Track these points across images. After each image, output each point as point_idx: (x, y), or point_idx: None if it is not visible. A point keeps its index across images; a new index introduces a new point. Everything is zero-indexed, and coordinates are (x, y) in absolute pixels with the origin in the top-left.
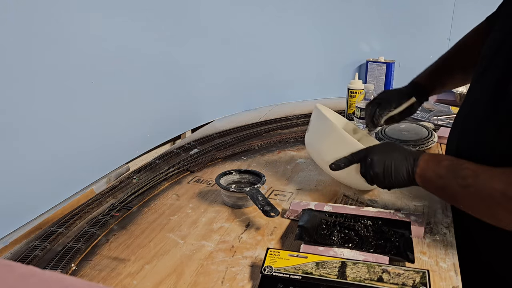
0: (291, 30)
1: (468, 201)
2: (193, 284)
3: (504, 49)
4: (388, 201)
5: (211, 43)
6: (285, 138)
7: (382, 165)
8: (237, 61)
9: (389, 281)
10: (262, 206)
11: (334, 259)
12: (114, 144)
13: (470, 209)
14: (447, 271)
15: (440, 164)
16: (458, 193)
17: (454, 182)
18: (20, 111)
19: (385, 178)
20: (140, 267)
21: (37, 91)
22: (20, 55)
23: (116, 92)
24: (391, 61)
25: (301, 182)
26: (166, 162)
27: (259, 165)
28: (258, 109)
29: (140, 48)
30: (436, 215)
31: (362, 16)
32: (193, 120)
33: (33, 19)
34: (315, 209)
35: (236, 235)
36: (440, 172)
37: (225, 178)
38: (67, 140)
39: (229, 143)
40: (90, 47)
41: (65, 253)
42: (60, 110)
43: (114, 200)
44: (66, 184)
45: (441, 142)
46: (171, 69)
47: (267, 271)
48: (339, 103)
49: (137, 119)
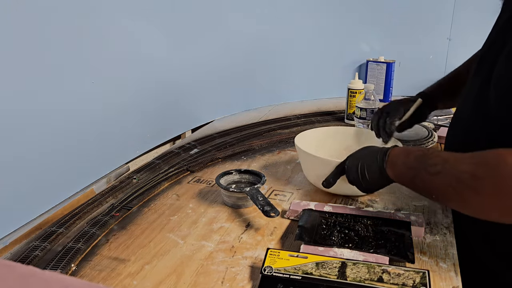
0: (291, 30)
1: (438, 189)
2: (193, 284)
3: (488, 55)
4: (388, 201)
5: (211, 43)
6: (285, 138)
7: (356, 169)
8: (237, 61)
9: (389, 281)
10: (262, 206)
11: (334, 259)
12: (114, 144)
13: (441, 197)
14: (447, 271)
15: (410, 156)
16: (429, 182)
17: (424, 171)
18: (20, 111)
19: (362, 181)
20: (140, 267)
21: (37, 91)
22: (19, 55)
23: (116, 92)
24: (391, 61)
25: (301, 182)
26: (166, 162)
27: (259, 165)
28: (258, 109)
29: (140, 48)
30: (436, 215)
31: (362, 16)
32: (193, 120)
33: (33, 19)
34: (315, 209)
35: (236, 235)
36: (410, 163)
37: (225, 178)
38: (67, 140)
39: (229, 143)
40: (90, 47)
41: (65, 253)
42: (60, 110)
43: (114, 200)
44: (66, 184)
45: (441, 142)
46: (171, 69)
47: (267, 271)
48: (339, 103)
49: (137, 119)
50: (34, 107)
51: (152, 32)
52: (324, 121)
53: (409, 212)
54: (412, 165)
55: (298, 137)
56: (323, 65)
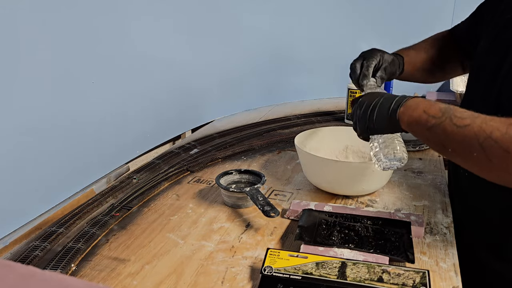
0: (291, 30)
1: (461, 142)
2: (193, 284)
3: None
4: (388, 201)
5: (211, 43)
6: (285, 138)
7: (368, 103)
8: (237, 61)
9: (389, 281)
10: (262, 206)
11: (334, 259)
12: (114, 144)
13: (461, 151)
14: (447, 271)
15: (434, 105)
16: (452, 133)
17: (449, 122)
18: (20, 111)
19: (367, 118)
20: (140, 267)
21: (37, 91)
22: (18, 55)
23: (116, 92)
24: None
25: (301, 182)
26: (166, 162)
27: (259, 165)
28: (258, 109)
29: (140, 48)
30: (436, 215)
31: (362, 15)
32: (193, 120)
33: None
34: (315, 209)
35: (236, 235)
36: (432, 111)
37: (225, 178)
38: (67, 140)
39: (229, 143)
40: (90, 47)
41: (65, 253)
42: (60, 110)
43: (114, 200)
44: (66, 184)
45: None
46: (171, 69)
47: (267, 271)
48: (339, 103)
49: (137, 119)
50: (34, 107)
51: (152, 33)
52: (324, 121)
53: (409, 212)
54: (435, 113)
55: (298, 137)
56: (323, 65)
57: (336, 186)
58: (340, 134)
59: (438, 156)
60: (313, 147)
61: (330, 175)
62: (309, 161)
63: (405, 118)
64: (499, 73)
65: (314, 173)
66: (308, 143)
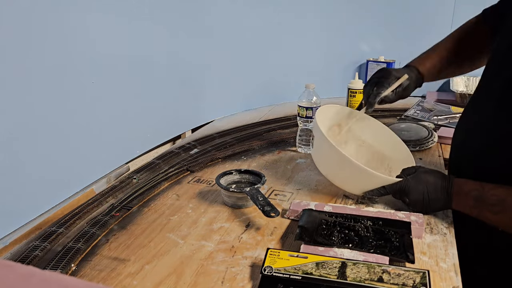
0: (291, 30)
1: (502, 224)
2: (193, 284)
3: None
4: (388, 201)
5: (212, 43)
6: (285, 138)
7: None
8: (237, 61)
9: (389, 281)
10: (262, 206)
11: (334, 259)
12: (114, 144)
13: (509, 229)
14: (447, 271)
15: (468, 198)
16: (494, 220)
17: (487, 211)
18: (20, 111)
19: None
20: (140, 267)
21: (37, 91)
22: (18, 55)
23: (116, 92)
24: (391, 60)
25: (301, 182)
26: (166, 162)
27: (259, 165)
28: (258, 109)
29: (140, 48)
30: (436, 215)
31: (363, 15)
32: (193, 120)
33: (32, 18)
34: (315, 209)
35: (236, 235)
36: (471, 204)
37: (225, 178)
38: (67, 140)
39: (229, 143)
40: (90, 47)
41: (65, 253)
42: (60, 110)
43: (114, 200)
44: (66, 184)
45: (441, 142)
46: (171, 69)
47: (267, 271)
48: (339, 103)
49: (137, 119)
50: (34, 107)
51: (152, 33)
52: None
53: (409, 212)
54: (473, 205)
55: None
56: (323, 65)
57: (346, 186)
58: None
59: (438, 156)
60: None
61: (348, 176)
62: (330, 155)
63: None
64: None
65: (329, 166)
66: (328, 122)
